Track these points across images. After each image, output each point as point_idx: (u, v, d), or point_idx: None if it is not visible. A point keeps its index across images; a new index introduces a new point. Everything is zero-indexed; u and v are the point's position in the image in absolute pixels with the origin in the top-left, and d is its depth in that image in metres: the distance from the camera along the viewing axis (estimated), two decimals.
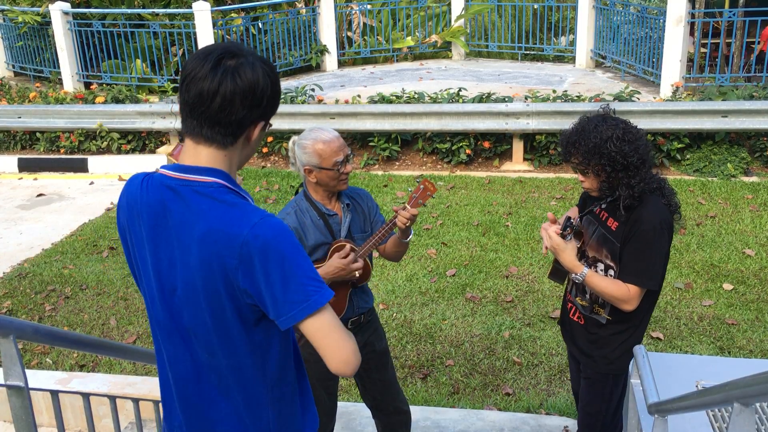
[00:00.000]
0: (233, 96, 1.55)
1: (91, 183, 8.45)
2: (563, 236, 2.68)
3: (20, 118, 9.26)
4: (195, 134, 1.61)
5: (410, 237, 2.92)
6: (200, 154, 1.62)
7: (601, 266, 2.71)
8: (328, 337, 1.58)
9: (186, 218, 1.60)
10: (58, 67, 11.21)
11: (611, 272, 2.67)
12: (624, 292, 2.59)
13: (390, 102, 8.39)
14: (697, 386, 3.06)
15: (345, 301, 2.91)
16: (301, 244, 2.80)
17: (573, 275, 2.69)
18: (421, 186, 2.83)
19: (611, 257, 2.66)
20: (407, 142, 8.54)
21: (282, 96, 8.77)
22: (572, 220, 2.71)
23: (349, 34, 12.52)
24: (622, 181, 2.56)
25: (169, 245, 1.64)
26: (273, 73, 1.62)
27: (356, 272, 2.80)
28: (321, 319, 1.58)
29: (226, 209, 1.58)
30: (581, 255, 2.78)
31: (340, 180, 2.80)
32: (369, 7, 12.37)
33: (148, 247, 1.69)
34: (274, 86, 1.62)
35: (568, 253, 2.67)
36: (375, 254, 5.93)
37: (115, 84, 10.48)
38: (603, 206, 2.71)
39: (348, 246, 2.82)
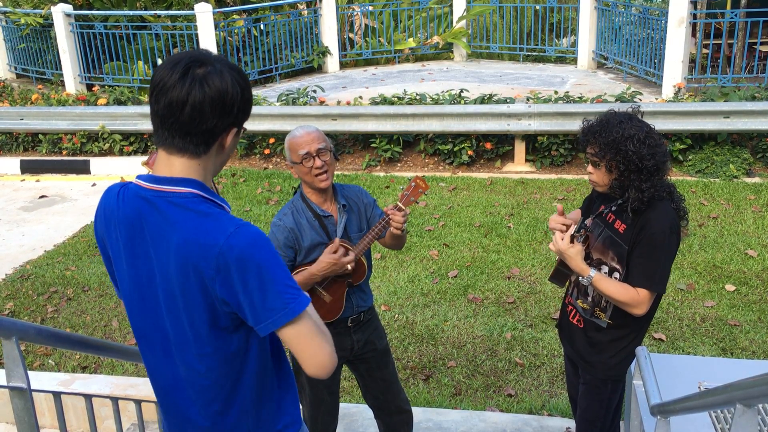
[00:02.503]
0: (202, 105, 1.54)
1: (94, 185, 8.46)
2: (573, 237, 2.67)
3: (22, 119, 9.27)
4: (167, 145, 1.60)
5: (405, 229, 2.92)
6: (174, 165, 1.61)
7: (605, 269, 2.70)
8: (306, 342, 1.60)
9: (162, 229, 1.60)
10: (61, 69, 11.22)
11: (616, 275, 2.66)
12: (633, 296, 2.58)
13: (392, 103, 8.39)
14: (699, 387, 3.06)
15: (342, 301, 2.92)
16: (298, 245, 2.82)
17: (580, 278, 2.67)
18: (413, 183, 2.84)
19: (618, 260, 2.65)
20: (409, 143, 8.54)
21: (284, 97, 8.80)
22: (585, 223, 2.71)
23: (351, 35, 12.52)
24: (633, 183, 2.55)
25: (148, 257, 1.64)
26: (242, 80, 1.61)
27: (348, 266, 2.80)
28: (299, 325, 1.59)
29: (201, 220, 1.57)
30: (585, 257, 2.78)
31: (313, 175, 2.79)
32: (371, 8, 12.37)
33: (125, 259, 1.69)
34: (244, 93, 1.60)
35: (577, 256, 2.66)
36: (375, 255, 5.93)
37: (117, 86, 10.49)
38: (613, 208, 2.70)
39: (336, 240, 2.82)
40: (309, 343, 1.59)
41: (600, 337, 2.78)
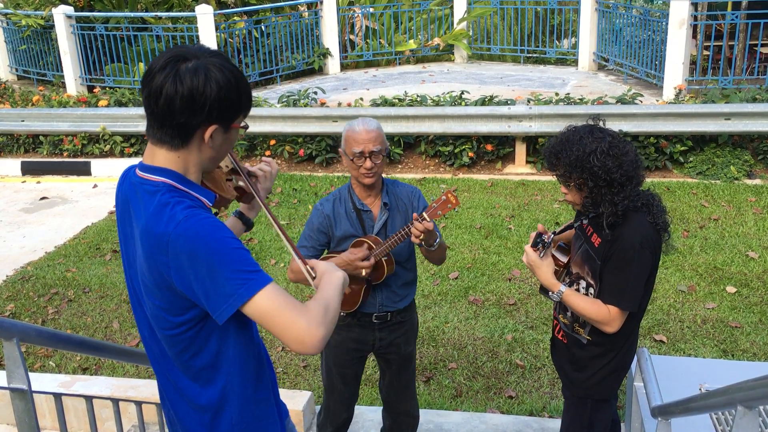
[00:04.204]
0: (173, 100, 1.56)
1: (95, 186, 8.47)
2: (538, 251, 2.60)
3: (23, 121, 9.28)
4: (150, 135, 1.65)
5: (437, 243, 2.83)
6: (155, 155, 1.66)
7: (583, 283, 2.62)
8: (273, 320, 1.56)
9: (138, 215, 1.65)
10: (62, 71, 11.22)
11: (591, 290, 2.58)
12: (604, 314, 2.48)
13: (392, 105, 8.40)
14: (700, 389, 3.06)
15: (359, 295, 2.90)
16: (331, 232, 2.83)
17: (550, 293, 2.59)
18: (443, 197, 2.74)
19: (592, 275, 2.56)
20: (410, 145, 8.54)
21: (285, 99, 8.79)
22: (543, 237, 2.62)
23: (352, 37, 12.52)
24: (605, 197, 2.43)
25: (133, 238, 1.69)
26: (225, 78, 1.59)
27: (362, 271, 2.78)
28: (257, 305, 1.55)
29: (159, 209, 1.59)
30: (566, 271, 2.71)
31: (359, 172, 2.78)
32: (371, 10, 12.37)
33: (121, 239, 1.77)
34: (222, 91, 1.58)
35: (544, 270, 2.58)
36: None
37: (118, 87, 10.49)
38: (584, 221, 2.62)
39: (365, 244, 2.81)
40: (277, 320, 1.56)
41: (581, 354, 2.69)
